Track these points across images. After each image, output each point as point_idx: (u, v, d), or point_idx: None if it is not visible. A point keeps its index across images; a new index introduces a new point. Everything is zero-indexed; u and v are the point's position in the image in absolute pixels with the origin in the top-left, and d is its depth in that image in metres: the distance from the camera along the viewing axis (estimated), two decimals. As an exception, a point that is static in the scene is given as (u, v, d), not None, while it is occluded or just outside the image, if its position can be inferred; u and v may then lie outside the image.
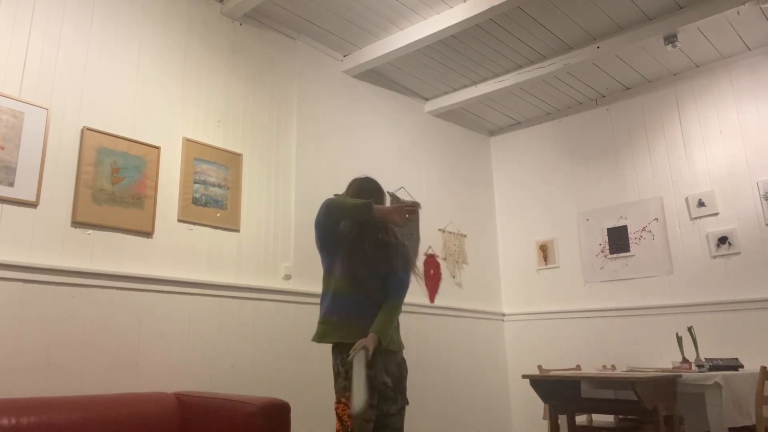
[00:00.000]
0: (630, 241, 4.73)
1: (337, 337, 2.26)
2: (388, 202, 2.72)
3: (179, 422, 2.59)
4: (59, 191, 2.72)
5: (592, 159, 5.10)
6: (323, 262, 2.43)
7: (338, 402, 2.21)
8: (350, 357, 2.11)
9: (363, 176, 2.64)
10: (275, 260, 3.60)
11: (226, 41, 3.63)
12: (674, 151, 4.64)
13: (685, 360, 3.57)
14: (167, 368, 2.94)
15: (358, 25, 3.97)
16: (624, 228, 4.79)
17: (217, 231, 3.33)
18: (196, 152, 3.30)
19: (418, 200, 4.77)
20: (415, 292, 4.55)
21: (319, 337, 2.31)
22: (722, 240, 4.28)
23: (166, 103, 3.23)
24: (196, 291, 3.14)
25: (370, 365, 2.14)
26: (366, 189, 2.52)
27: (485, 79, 4.73)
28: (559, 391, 3.30)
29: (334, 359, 2.28)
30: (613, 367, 4.36)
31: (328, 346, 2.33)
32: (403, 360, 2.42)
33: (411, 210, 2.22)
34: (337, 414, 2.19)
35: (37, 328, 2.54)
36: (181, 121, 3.28)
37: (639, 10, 3.86)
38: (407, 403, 2.36)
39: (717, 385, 3.00)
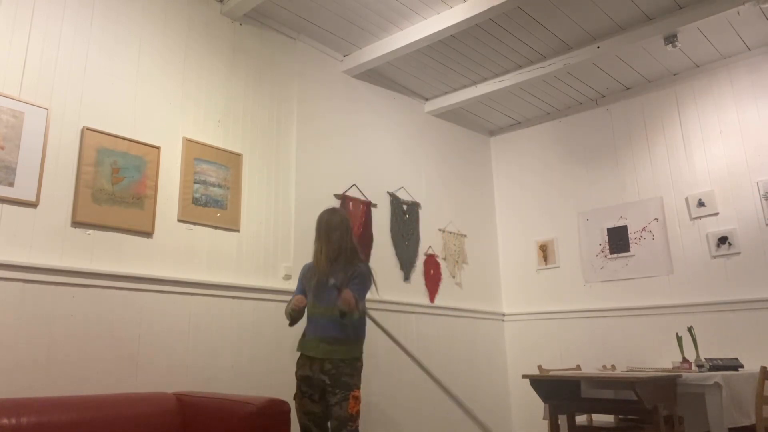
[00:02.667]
0: (630, 241, 4.73)
1: (297, 346, 2.90)
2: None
3: (179, 422, 2.59)
4: (59, 191, 2.72)
5: (592, 159, 5.10)
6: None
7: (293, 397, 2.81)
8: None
9: (327, 210, 3.02)
10: (275, 260, 3.60)
11: (226, 41, 3.63)
12: (674, 151, 4.65)
13: (685, 360, 3.58)
14: (167, 368, 2.94)
15: (358, 25, 3.97)
16: (624, 228, 4.79)
17: (217, 231, 3.33)
18: (196, 152, 3.30)
19: (418, 200, 4.77)
20: (416, 292, 4.56)
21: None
22: (722, 240, 4.28)
23: (166, 103, 3.23)
24: (196, 291, 3.14)
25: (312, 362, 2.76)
26: (321, 227, 2.94)
27: (485, 79, 4.73)
28: (559, 391, 3.30)
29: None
30: (613, 367, 4.36)
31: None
32: (342, 360, 2.74)
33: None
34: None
35: (37, 328, 2.54)
36: (181, 121, 3.28)
37: (639, 10, 3.86)
38: (350, 391, 2.69)
39: (717, 385, 3.00)
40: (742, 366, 3.41)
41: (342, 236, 2.87)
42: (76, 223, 2.75)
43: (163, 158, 3.14)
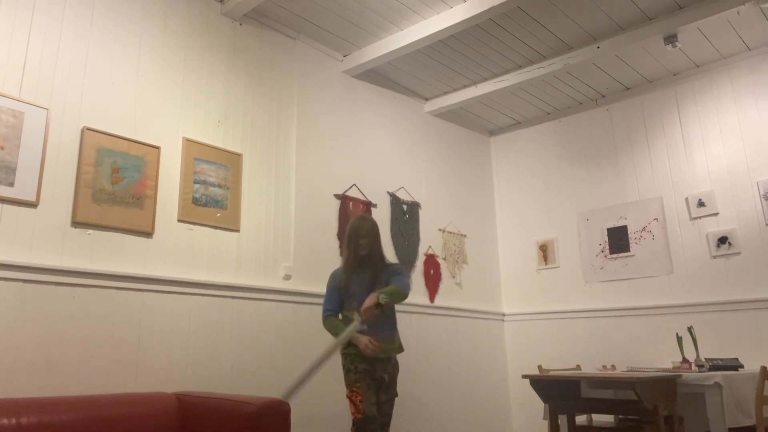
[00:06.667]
0: (630, 241, 4.73)
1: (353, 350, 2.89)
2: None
3: (179, 422, 2.59)
4: (59, 191, 2.72)
5: (592, 159, 5.10)
6: None
7: (351, 391, 2.82)
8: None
9: (357, 217, 3.12)
10: (275, 260, 3.60)
11: (226, 41, 3.63)
12: (674, 151, 4.65)
13: (685, 360, 3.58)
14: (167, 368, 2.94)
15: (358, 25, 3.97)
16: (624, 228, 4.79)
17: (217, 231, 3.33)
18: (196, 152, 3.30)
19: (418, 200, 4.77)
20: (416, 292, 4.56)
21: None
22: (722, 240, 4.28)
23: (166, 103, 3.23)
24: (196, 291, 3.14)
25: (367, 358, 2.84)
26: (351, 234, 3.01)
27: (485, 79, 4.73)
28: (559, 391, 3.30)
29: (345, 359, 2.91)
30: (613, 367, 4.36)
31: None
32: (397, 361, 3.01)
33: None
34: (351, 400, 2.81)
35: (38, 328, 2.54)
36: (181, 121, 3.28)
37: (639, 10, 3.86)
38: (396, 395, 2.97)
39: (717, 385, 3.00)
40: (742, 366, 3.41)
41: (372, 242, 3.01)
42: (76, 223, 2.75)
43: (163, 158, 3.14)
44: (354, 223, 3.05)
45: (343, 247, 3.08)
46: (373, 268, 2.98)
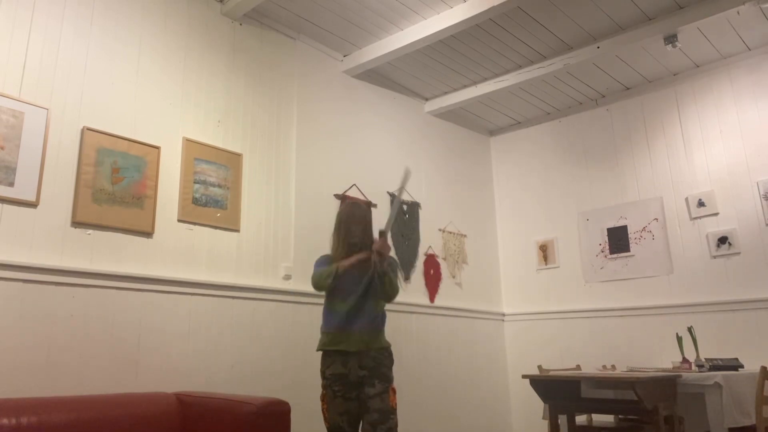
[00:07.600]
0: (630, 241, 4.73)
1: (321, 345, 2.65)
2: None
3: (179, 422, 2.59)
4: (59, 191, 2.72)
5: (592, 159, 5.10)
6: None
7: (320, 396, 2.59)
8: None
9: (348, 203, 2.93)
10: (275, 260, 3.60)
11: (226, 41, 3.63)
12: (674, 151, 4.64)
13: (685, 360, 3.58)
14: (167, 368, 2.94)
15: (358, 25, 3.97)
16: (624, 228, 4.79)
17: (217, 231, 3.33)
18: (196, 152, 3.30)
19: (418, 200, 4.77)
20: (416, 292, 4.56)
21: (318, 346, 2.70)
22: (722, 240, 4.28)
23: (166, 103, 3.23)
24: (196, 291, 3.14)
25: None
26: (341, 219, 2.74)
27: (485, 79, 4.73)
28: (559, 391, 3.30)
29: (321, 360, 2.65)
30: (613, 367, 4.36)
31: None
32: (379, 353, 2.59)
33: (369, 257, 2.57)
34: (322, 408, 2.58)
35: (37, 328, 2.54)
36: (181, 121, 3.28)
37: (639, 10, 3.86)
38: (390, 383, 2.55)
39: (717, 385, 3.00)
40: (742, 366, 3.41)
41: (365, 230, 2.70)
42: (76, 223, 2.75)
43: (163, 158, 3.14)
44: (345, 209, 2.78)
45: (333, 235, 2.73)
46: None
